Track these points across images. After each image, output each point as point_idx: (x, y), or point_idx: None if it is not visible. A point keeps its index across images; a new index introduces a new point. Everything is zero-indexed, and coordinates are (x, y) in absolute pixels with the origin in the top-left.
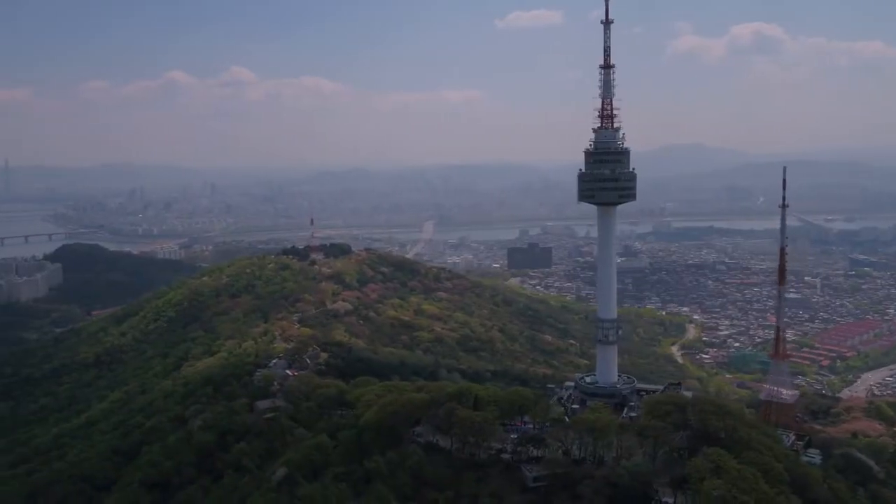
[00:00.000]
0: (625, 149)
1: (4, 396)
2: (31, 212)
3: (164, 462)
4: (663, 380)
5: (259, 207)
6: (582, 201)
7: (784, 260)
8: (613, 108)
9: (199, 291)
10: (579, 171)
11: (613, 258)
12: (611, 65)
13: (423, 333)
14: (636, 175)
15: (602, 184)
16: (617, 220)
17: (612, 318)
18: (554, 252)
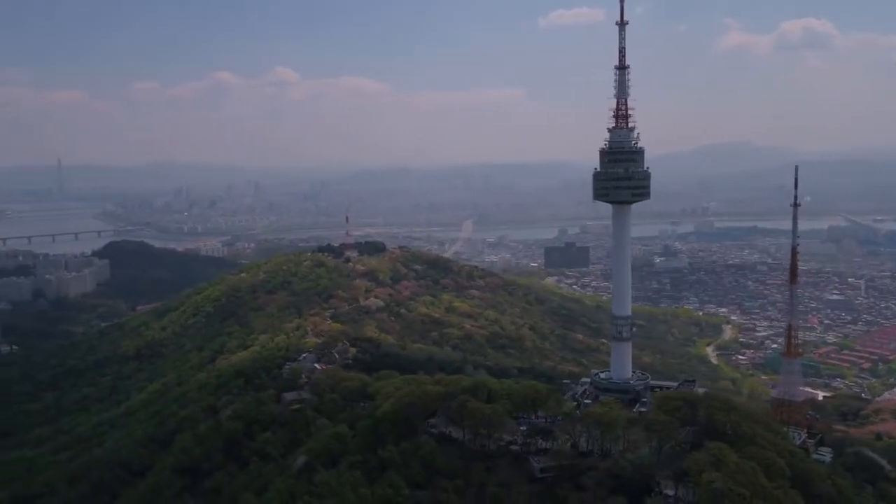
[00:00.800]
0: (639, 148)
1: (51, 387)
2: (82, 209)
3: (194, 449)
4: (679, 376)
5: (301, 206)
6: (597, 200)
7: (796, 259)
8: (628, 107)
9: (237, 287)
10: (594, 170)
11: (628, 256)
12: (625, 66)
13: (453, 330)
14: (650, 174)
15: (616, 182)
16: (659, 220)
17: (626, 315)
18: (592, 251)
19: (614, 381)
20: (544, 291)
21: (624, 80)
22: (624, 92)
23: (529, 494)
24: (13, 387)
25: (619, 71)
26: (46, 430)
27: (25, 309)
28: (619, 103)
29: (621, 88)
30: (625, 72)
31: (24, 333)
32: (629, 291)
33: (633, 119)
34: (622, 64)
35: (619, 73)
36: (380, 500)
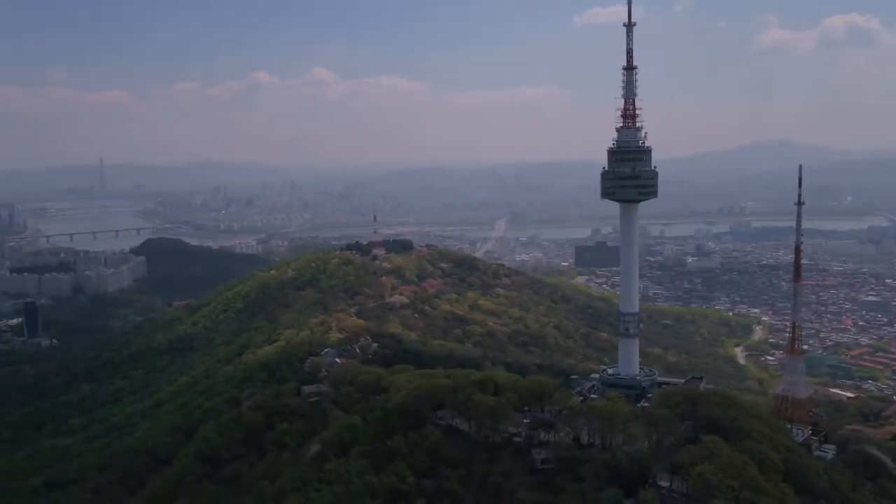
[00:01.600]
0: (646, 147)
1: (88, 379)
2: (122, 208)
3: (216, 439)
4: (721, 380)
5: (335, 205)
6: (604, 198)
7: (799, 257)
8: (636, 107)
9: (266, 284)
10: (602, 169)
11: (636, 253)
12: (633, 66)
13: (476, 327)
14: (657, 173)
15: (623, 181)
16: (695, 220)
17: (633, 312)
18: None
19: (621, 377)
20: (571, 290)
21: (631, 81)
22: (631, 92)
23: (529, 484)
24: (52, 379)
25: (627, 71)
26: (81, 421)
27: (66, 304)
28: (626, 103)
29: (629, 89)
30: (632, 72)
31: (63, 328)
32: (636, 288)
33: (640, 119)
34: (629, 65)
35: (627, 73)
36: (385, 487)
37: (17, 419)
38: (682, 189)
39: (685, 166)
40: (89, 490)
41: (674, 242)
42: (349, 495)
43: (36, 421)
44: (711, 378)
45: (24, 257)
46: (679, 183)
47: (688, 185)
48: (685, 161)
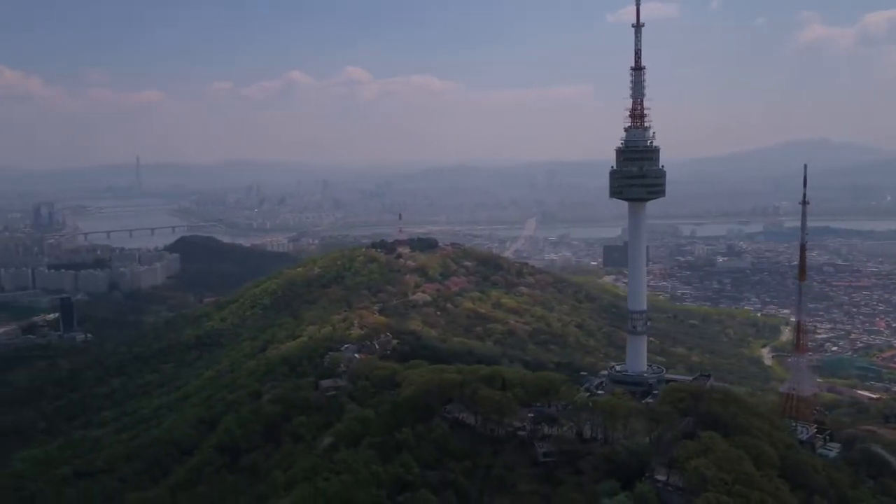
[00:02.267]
0: (654, 147)
1: (119, 372)
2: (158, 206)
3: (236, 430)
4: (745, 381)
5: (367, 203)
6: (613, 197)
7: (804, 256)
8: (644, 107)
9: (293, 281)
10: (611, 169)
11: (644, 252)
12: (641, 67)
13: (497, 325)
14: (665, 172)
15: (630, 181)
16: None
17: (640, 310)
18: (653, 251)
19: (629, 373)
20: (597, 290)
21: (640, 81)
22: (640, 92)
23: (531, 477)
24: (85, 372)
25: (635, 72)
26: (112, 413)
27: (101, 300)
28: (634, 103)
29: (637, 89)
30: (640, 73)
31: (98, 323)
32: (644, 286)
33: (648, 118)
34: (638, 65)
35: (635, 73)
36: (392, 477)
37: (51, 411)
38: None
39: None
40: (116, 479)
41: (705, 242)
42: (356, 484)
43: (69, 412)
44: (734, 378)
45: (63, 254)
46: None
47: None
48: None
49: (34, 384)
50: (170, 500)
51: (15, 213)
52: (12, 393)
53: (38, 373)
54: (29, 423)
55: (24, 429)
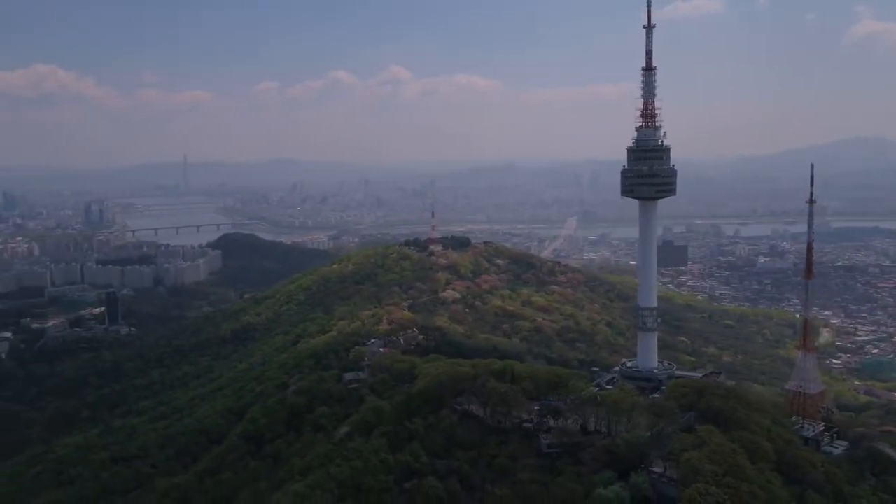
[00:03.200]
0: (665, 146)
1: (158, 364)
2: (204, 204)
3: (261, 420)
4: (776, 381)
5: (408, 202)
6: (624, 195)
7: (811, 254)
8: (655, 107)
9: (327, 278)
10: (622, 168)
11: (654, 250)
12: (652, 67)
13: (524, 323)
14: (676, 171)
15: (640, 179)
16: (774, 219)
17: (651, 307)
18: (693, 251)
19: (639, 369)
20: (630, 289)
21: (650, 82)
22: (651, 93)
23: (533, 467)
24: (127, 364)
25: (646, 72)
26: (150, 403)
27: (146, 295)
28: (645, 103)
29: (648, 89)
30: (651, 73)
31: (142, 317)
32: (654, 283)
33: (659, 118)
34: (649, 66)
35: (646, 74)
36: (400, 465)
37: (94, 400)
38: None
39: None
40: (149, 464)
41: (747, 242)
42: (365, 471)
43: (111, 402)
44: (766, 379)
45: (111, 251)
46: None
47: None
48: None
49: (79, 375)
50: (196, 484)
51: (67, 210)
52: (59, 383)
53: (83, 364)
54: (73, 411)
55: (69, 416)
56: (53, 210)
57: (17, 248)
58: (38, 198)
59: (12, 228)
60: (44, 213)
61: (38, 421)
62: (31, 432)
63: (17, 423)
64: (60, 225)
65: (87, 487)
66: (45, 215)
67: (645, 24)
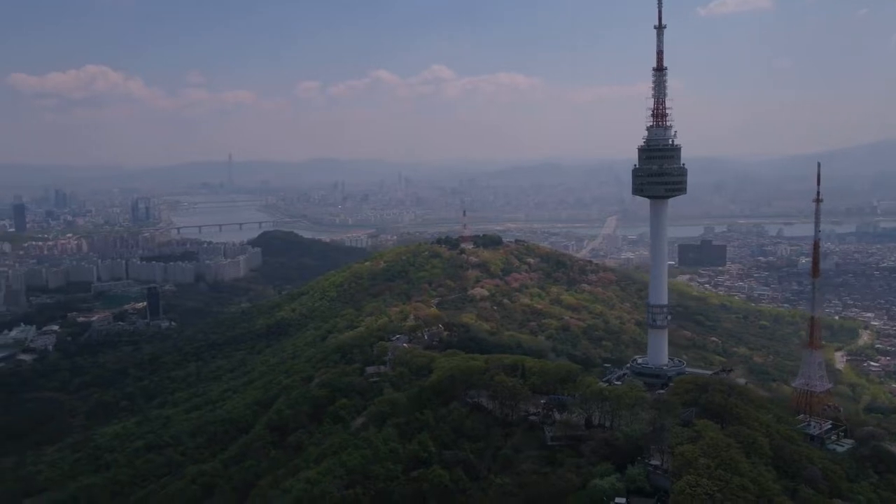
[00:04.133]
0: (675, 146)
1: (195, 357)
2: (248, 201)
3: (285, 411)
4: (786, 377)
5: (447, 200)
6: (635, 194)
7: (817, 253)
8: (665, 107)
9: (359, 275)
10: (633, 167)
11: (665, 248)
12: (663, 68)
13: (551, 321)
14: (686, 170)
15: (650, 178)
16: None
17: (661, 304)
18: (734, 251)
19: (648, 366)
20: None
21: (661, 82)
22: (661, 92)
23: (537, 458)
24: (165, 357)
25: (657, 73)
26: (185, 394)
27: (187, 290)
28: (656, 103)
29: (659, 89)
30: (662, 74)
31: (183, 312)
32: (665, 281)
33: (670, 118)
34: (659, 66)
35: (657, 74)
36: (409, 454)
37: (133, 391)
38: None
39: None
40: (180, 452)
41: (790, 242)
42: (375, 459)
43: (148, 393)
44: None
45: (155, 247)
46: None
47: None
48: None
49: (120, 367)
50: (222, 471)
51: (115, 207)
52: (101, 374)
53: (124, 356)
54: (113, 401)
55: (109, 406)
56: (102, 207)
57: (66, 244)
58: (87, 195)
59: (63, 225)
60: (93, 211)
61: (80, 410)
62: (74, 421)
63: (61, 412)
64: (108, 222)
65: (121, 473)
66: (93, 212)
67: (656, 25)
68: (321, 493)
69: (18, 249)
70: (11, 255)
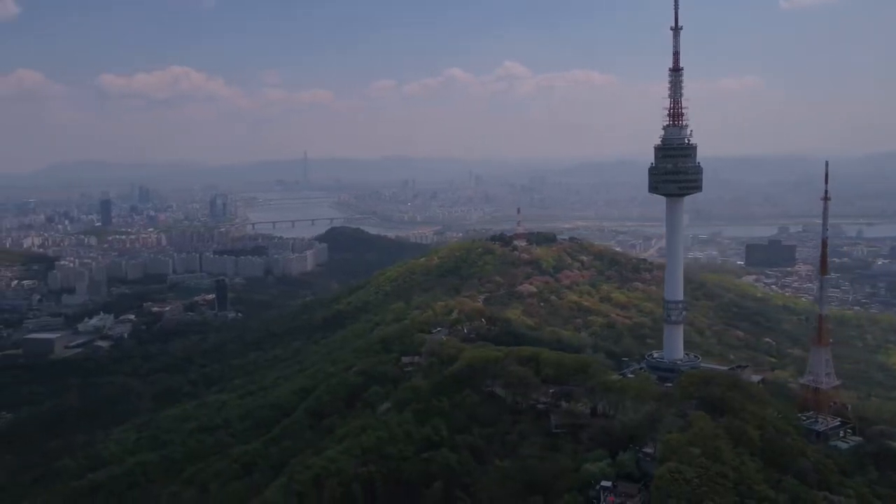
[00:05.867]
0: (691, 144)
1: (255, 347)
2: (321, 199)
3: (323, 396)
4: (870, 387)
5: (517, 198)
6: (651, 192)
7: (826, 251)
8: (681, 107)
9: (413, 270)
10: (650, 165)
11: (681, 245)
12: (679, 68)
13: (597, 318)
14: (701, 168)
15: (665, 176)
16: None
17: (676, 300)
18: (808, 251)
19: (663, 360)
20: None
21: (678, 82)
22: (678, 92)
23: (540, 444)
24: (228, 346)
25: (673, 73)
26: (242, 381)
27: (256, 284)
28: (672, 103)
29: (675, 89)
30: (678, 74)
31: (250, 304)
32: (681, 277)
33: (686, 118)
34: (676, 66)
35: (674, 74)
36: (422, 437)
37: (196, 377)
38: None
39: None
40: (229, 434)
41: (868, 243)
42: (390, 441)
43: (210, 379)
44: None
45: (228, 242)
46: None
47: None
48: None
49: (186, 354)
50: (262, 451)
51: (195, 203)
52: (168, 361)
53: (190, 345)
54: (178, 386)
55: (173, 391)
56: (182, 203)
57: (147, 238)
58: (169, 192)
59: (145, 220)
60: (174, 206)
61: (147, 394)
62: (141, 403)
63: (130, 395)
64: (188, 217)
65: (175, 451)
66: (174, 208)
67: (672, 26)
68: (337, 470)
69: (103, 243)
70: (97, 249)
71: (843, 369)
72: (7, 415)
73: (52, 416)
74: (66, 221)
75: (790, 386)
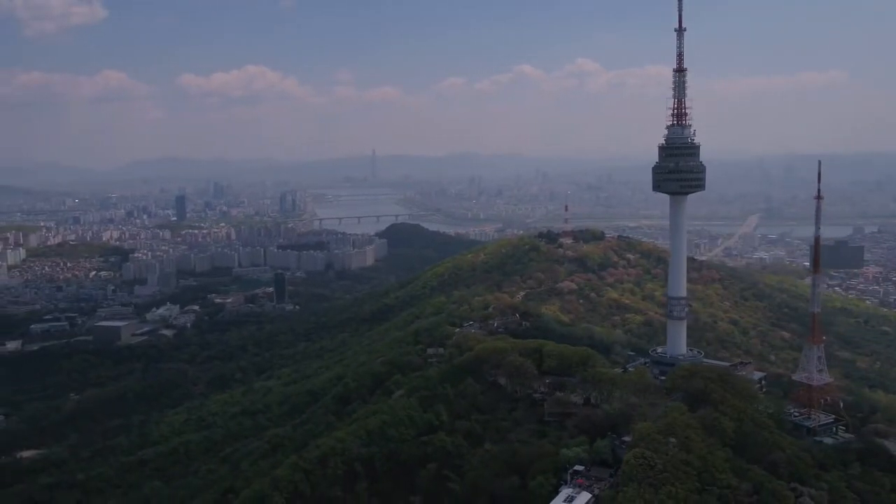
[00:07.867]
0: (695, 143)
1: (305, 338)
2: (388, 195)
3: (351, 384)
4: (887, 383)
5: (582, 196)
6: (654, 190)
7: (818, 249)
8: (685, 107)
9: (459, 266)
10: (654, 164)
11: (684, 242)
12: (683, 69)
13: (635, 316)
14: (705, 167)
15: (667, 175)
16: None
17: (679, 296)
18: (876, 253)
19: (665, 355)
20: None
21: (682, 82)
22: (682, 93)
23: (529, 430)
24: (280, 336)
25: (678, 73)
26: (288, 370)
27: (316, 277)
28: (676, 103)
29: (679, 89)
30: (682, 74)
31: (308, 297)
32: (684, 274)
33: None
34: (680, 67)
35: (678, 75)
36: (424, 421)
37: (247, 365)
38: None
39: None
40: (267, 418)
41: None
42: (392, 424)
43: (259, 367)
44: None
45: (294, 237)
46: None
47: None
48: None
49: (241, 343)
50: (290, 433)
51: (266, 199)
52: (224, 349)
53: (246, 335)
54: (229, 373)
55: (225, 378)
56: (254, 199)
57: (218, 233)
58: (242, 188)
59: (218, 215)
60: (245, 202)
61: (202, 380)
62: (195, 389)
63: (186, 381)
64: (259, 212)
65: (216, 433)
66: (246, 204)
67: (676, 28)
68: (342, 450)
69: (176, 237)
70: (169, 242)
71: (891, 373)
72: (75, 396)
73: (114, 397)
74: (144, 216)
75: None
